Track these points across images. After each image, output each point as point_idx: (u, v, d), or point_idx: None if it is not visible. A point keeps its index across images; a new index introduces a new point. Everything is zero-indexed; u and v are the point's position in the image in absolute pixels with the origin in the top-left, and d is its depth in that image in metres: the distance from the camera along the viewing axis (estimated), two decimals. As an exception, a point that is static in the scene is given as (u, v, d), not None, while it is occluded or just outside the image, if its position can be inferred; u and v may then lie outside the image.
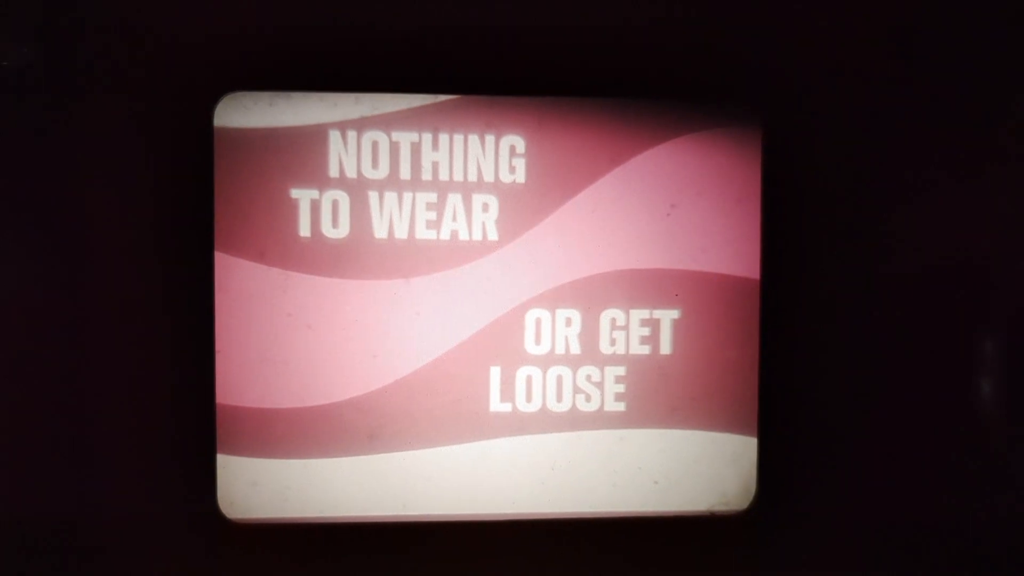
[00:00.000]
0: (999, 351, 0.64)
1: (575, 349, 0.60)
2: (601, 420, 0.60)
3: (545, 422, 0.60)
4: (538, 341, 0.60)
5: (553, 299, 0.59)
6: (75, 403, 0.58)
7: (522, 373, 0.60)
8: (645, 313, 0.60)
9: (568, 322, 0.60)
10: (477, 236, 0.59)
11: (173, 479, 0.58)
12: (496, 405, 0.59)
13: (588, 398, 0.60)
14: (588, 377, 0.60)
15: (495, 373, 0.59)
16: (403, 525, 0.59)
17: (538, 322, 0.60)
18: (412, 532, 0.60)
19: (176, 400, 0.58)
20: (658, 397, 0.60)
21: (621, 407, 0.60)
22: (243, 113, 0.57)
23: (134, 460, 0.58)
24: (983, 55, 0.62)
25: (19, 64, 0.57)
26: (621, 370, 0.60)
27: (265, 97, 0.57)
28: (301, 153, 0.58)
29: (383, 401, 0.59)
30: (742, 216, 0.60)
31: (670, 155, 0.60)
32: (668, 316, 0.60)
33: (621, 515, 0.61)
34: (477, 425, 0.59)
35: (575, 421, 0.60)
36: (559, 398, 0.60)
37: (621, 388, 0.60)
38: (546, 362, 0.60)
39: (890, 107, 0.62)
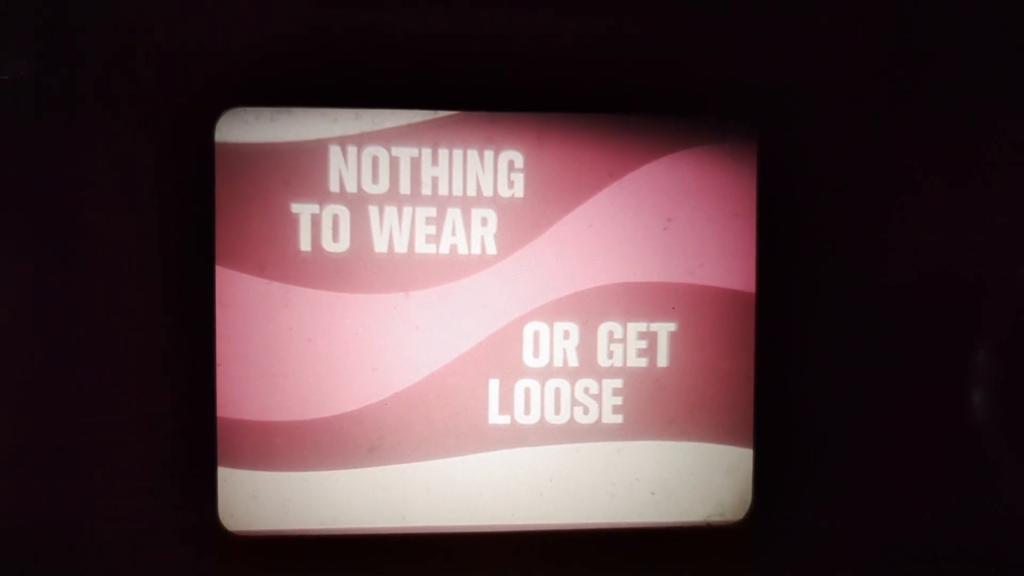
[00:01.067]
0: (992, 360, 0.64)
1: (573, 362, 0.61)
2: (599, 432, 0.61)
3: (543, 434, 0.60)
4: (536, 354, 0.60)
5: (551, 312, 0.60)
6: (77, 416, 0.58)
7: (520, 386, 0.60)
8: (642, 326, 0.61)
9: (566, 335, 0.60)
10: (476, 250, 0.59)
11: (174, 491, 0.59)
12: (495, 417, 0.60)
13: (586, 410, 0.61)
14: (586, 389, 0.61)
15: (494, 386, 0.60)
16: (403, 537, 0.60)
17: (536, 335, 0.60)
18: (412, 544, 0.60)
19: (177, 413, 0.58)
20: (655, 409, 0.61)
21: (619, 419, 0.61)
22: (244, 128, 0.57)
23: (135, 472, 0.58)
24: (974, 72, 0.63)
25: (22, 79, 0.57)
26: (619, 382, 0.61)
27: (266, 113, 0.58)
28: (302, 168, 0.58)
29: (383, 414, 0.59)
30: (738, 230, 0.61)
31: (667, 170, 0.60)
32: (665, 329, 0.61)
33: (619, 526, 0.61)
34: (476, 437, 0.60)
35: (573, 433, 0.61)
36: (557, 410, 0.61)
37: (619, 400, 0.61)
38: (544, 375, 0.60)
39: (883, 123, 0.63)
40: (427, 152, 0.59)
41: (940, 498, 0.65)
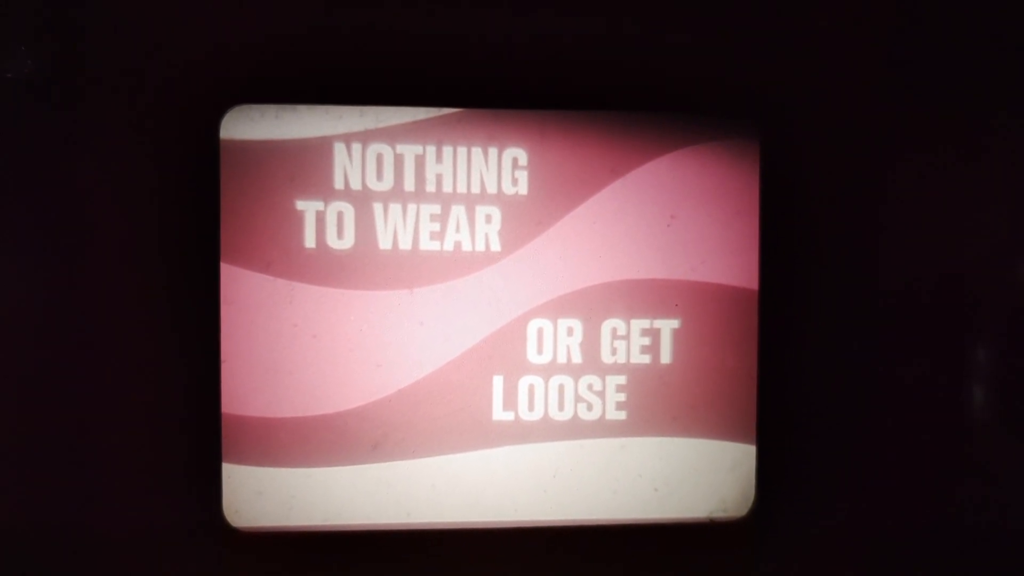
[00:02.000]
0: (990, 359, 0.64)
1: (577, 358, 0.61)
2: (602, 428, 0.61)
3: (547, 430, 0.61)
4: (540, 350, 0.60)
5: (555, 309, 0.60)
6: (81, 413, 0.58)
7: (524, 382, 0.60)
8: (645, 323, 0.61)
9: (570, 331, 0.61)
10: (480, 247, 0.60)
11: (179, 488, 0.59)
12: (499, 414, 0.60)
13: (589, 407, 0.61)
14: (589, 386, 0.61)
15: (498, 382, 0.60)
16: (406, 533, 0.60)
17: (540, 332, 0.60)
18: (416, 540, 0.60)
19: (182, 410, 0.58)
20: (658, 406, 0.61)
21: (622, 416, 0.61)
22: (249, 125, 0.58)
23: (140, 469, 0.58)
24: (974, 71, 0.63)
25: (27, 76, 0.57)
26: (622, 379, 0.61)
27: (271, 110, 0.58)
28: (306, 165, 0.58)
29: (387, 410, 0.59)
30: (740, 228, 0.61)
31: (670, 167, 0.61)
32: (668, 326, 0.61)
33: (622, 522, 0.62)
34: (480, 434, 0.60)
35: (577, 429, 0.61)
36: (561, 407, 0.61)
37: (622, 397, 0.61)
38: (548, 371, 0.61)
39: (883, 121, 0.63)
40: (431, 149, 0.59)
41: (942, 497, 0.65)
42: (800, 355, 0.63)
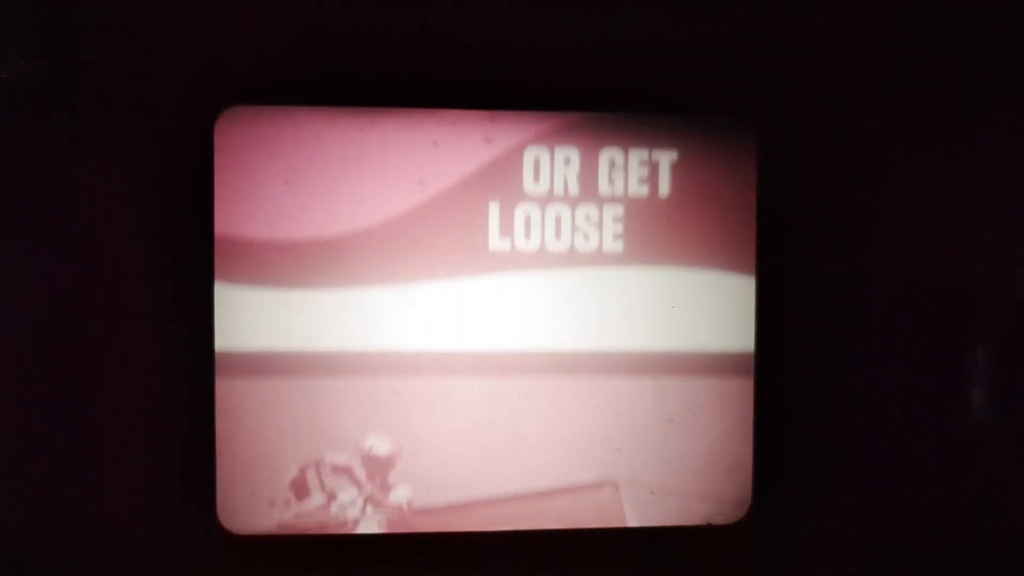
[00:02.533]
0: (990, 359, 0.63)
1: (574, 189, 0.60)
2: (599, 258, 0.60)
3: (544, 259, 0.60)
4: (537, 179, 0.60)
5: (552, 137, 0.60)
6: (81, 413, 0.58)
7: (521, 211, 0.60)
8: (644, 154, 0.60)
9: (567, 161, 0.60)
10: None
11: (171, 490, 0.59)
12: (495, 243, 0.59)
13: (586, 237, 0.60)
14: (587, 216, 0.60)
15: (494, 209, 0.59)
16: (405, 537, 0.59)
17: (537, 161, 0.60)
18: (415, 543, 0.59)
19: (181, 412, 0.58)
20: (656, 237, 0.60)
21: (619, 246, 0.60)
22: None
23: (138, 469, 0.58)
24: (974, 72, 0.63)
25: (24, 76, 0.57)
26: (619, 210, 0.60)
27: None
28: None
29: (383, 236, 0.58)
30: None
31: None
32: (667, 158, 0.61)
33: (620, 527, 0.61)
34: (476, 261, 0.59)
35: (574, 259, 0.60)
36: (558, 236, 0.60)
37: (619, 228, 0.60)
38: (545, 201, 0.60)
39: (885, 121, 0.63)
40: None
41: (942, 500, 0.64)
42: (799, 356, 0.62)
